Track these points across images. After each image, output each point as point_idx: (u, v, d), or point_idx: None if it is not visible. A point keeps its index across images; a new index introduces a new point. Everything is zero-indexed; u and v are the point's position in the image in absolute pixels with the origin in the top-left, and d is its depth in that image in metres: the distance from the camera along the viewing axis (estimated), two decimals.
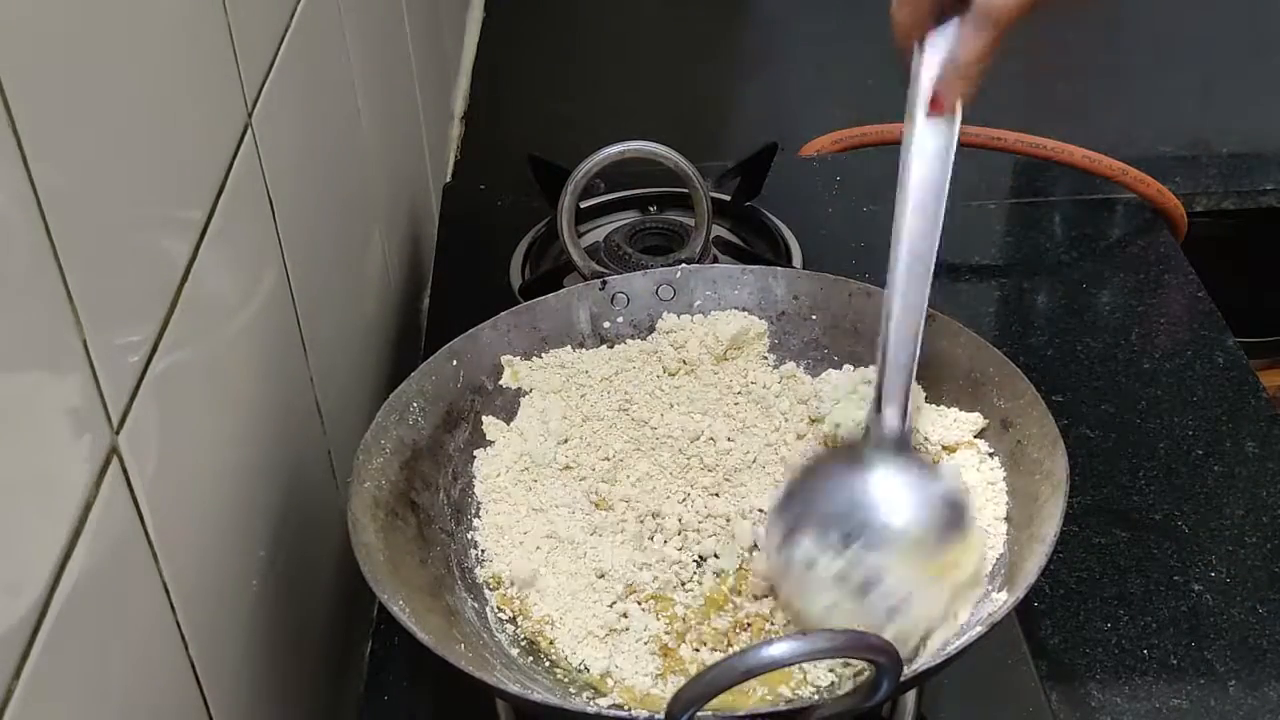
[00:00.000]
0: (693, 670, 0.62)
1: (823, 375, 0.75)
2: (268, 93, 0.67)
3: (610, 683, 0.62)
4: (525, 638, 0.64)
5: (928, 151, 0.61)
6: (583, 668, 0.62)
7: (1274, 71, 1.43)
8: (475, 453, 0.71)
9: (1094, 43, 1.39)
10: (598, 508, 0.69)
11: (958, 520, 0.62)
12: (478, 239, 1.05)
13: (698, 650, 0.63)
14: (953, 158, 0.61)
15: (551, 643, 0.64)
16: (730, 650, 0.63)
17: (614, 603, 0.65)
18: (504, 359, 0.74)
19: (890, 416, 0.64)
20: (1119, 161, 1.13)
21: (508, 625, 0.65)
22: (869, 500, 0.63)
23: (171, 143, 0.55)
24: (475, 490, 0.70)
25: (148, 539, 0.49)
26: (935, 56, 0.60)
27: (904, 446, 0.64)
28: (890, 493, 0.63)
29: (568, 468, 0.71)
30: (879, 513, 0.62)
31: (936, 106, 0.60)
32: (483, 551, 0.67)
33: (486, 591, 0.66)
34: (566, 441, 0.72)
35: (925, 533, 0.61)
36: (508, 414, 0.73)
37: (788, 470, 0.70)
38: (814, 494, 0.64)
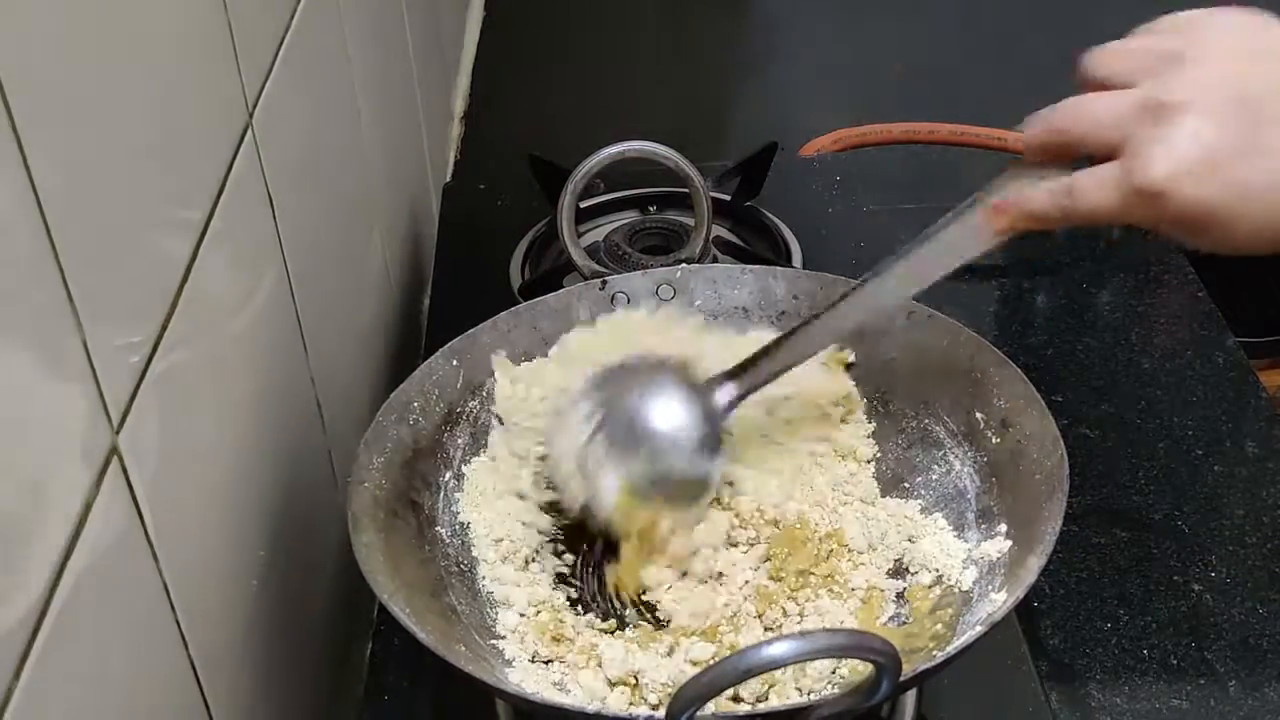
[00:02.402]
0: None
1: None
2: (268, 93, 0.67)
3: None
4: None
5: (966, 226, 0.62)
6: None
7: None
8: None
9: (1093, 41, 1.39)
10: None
11: (689, 494, 0.66)
12: (478, 239, 1.05)
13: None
14: (973, 255, 0.62)
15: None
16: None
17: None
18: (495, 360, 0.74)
19: (730, 389, 0.67)
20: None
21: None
22: (644, 419, 0.66)
23: (171, 143, 0.55)
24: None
25: (148, 539, 0.49)
26: (1028, 182, 0.60)
27: (713, 417, 0.66)
28: (662, 431, 0.66)
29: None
30: (640, 433, 0.66)
31: (997, 210, 0.60)
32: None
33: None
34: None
35: (651, 479, 0.65)
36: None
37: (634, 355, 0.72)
38: (622, 382, 0.68)
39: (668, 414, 0.66)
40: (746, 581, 0.66)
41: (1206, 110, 0.53)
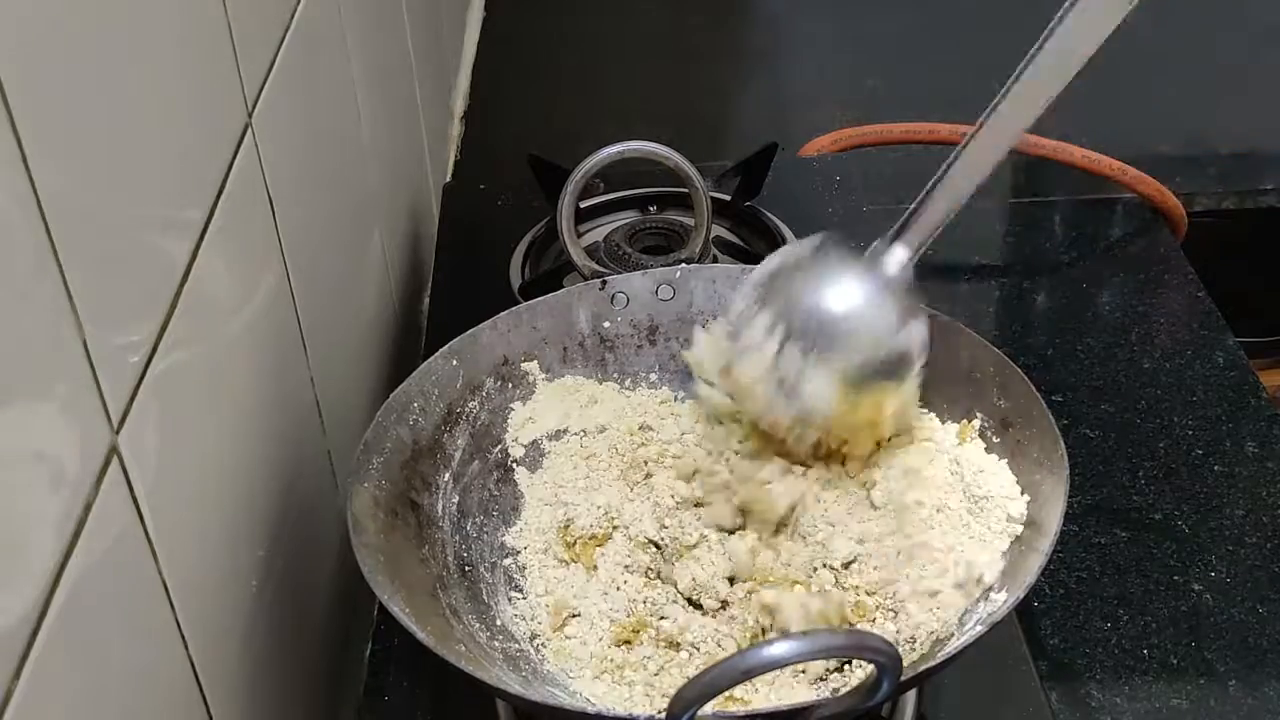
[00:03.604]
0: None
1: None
2: (268, 93, 0.67)
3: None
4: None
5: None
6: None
7: (1274, 71, 1.43)
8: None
9: None
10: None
11: (898, 369, 0.65)
12: (478, 239, 1.05)
13: None
14: (1110, 29, 0.58)
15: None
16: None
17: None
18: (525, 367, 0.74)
19: (900, 253, 0.66)
20: (1119, 161, 1.13)
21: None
22: (831, 314, 0.65)
23: (171, 143, 0.55)
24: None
25: (148, 539, 0.49)
26: None
27: (893, 286, 0.66)
28: (854, 318, 0.65)
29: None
30: (833, 328, 0.65)
31: None
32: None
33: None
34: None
35: (861, 367, 0.65)
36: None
37: (779, 253, 0.71)
38: (789, 284, 0.67)
39: (850, 299, 0.65)
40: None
41: None
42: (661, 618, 0.66)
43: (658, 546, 0.69)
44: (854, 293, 0.65)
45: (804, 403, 0.65)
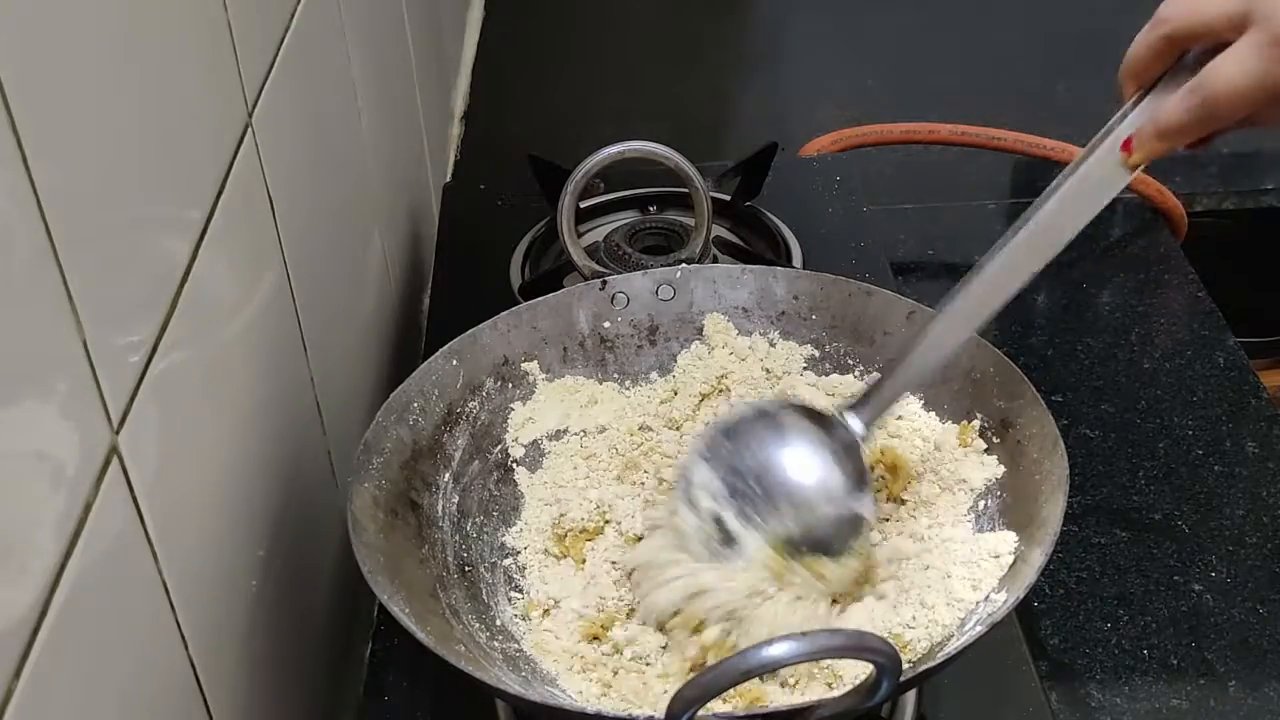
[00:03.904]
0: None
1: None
2: (268, 93, 0.67)
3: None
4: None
5: (1088, 180, 0.57)
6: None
7: None
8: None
9: (1094, 41, 1.39)
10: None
11: (842, 539, 0.61)
12: (478, 239, 1.05)
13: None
14: (1102, 206, 0.57)
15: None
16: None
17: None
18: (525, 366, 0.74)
19: (855, 423, 0.63)
20: None
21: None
22: (778, 478, 0.61)
23: (171, 143, 0.55)
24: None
25: (148, 539, 0.49)
26: (1147, 107, 0.56)
27: (851, 450, 0.62)
28: (800, 481, 0.61)
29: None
30: (777, 492, 0.61)
31: (1125, 149, 0.56)
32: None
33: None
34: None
35: (803, 535, 0.60)
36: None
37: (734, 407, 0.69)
38: (747, 440, 0.62)
39: (800, 460, 0.61)
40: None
41: None
42: (629, 615, 0.66)
43: None
44: (804, 452, 0.62)
45: (735, 562, 0.60)
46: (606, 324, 0.77)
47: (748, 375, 0.76)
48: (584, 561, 0.69)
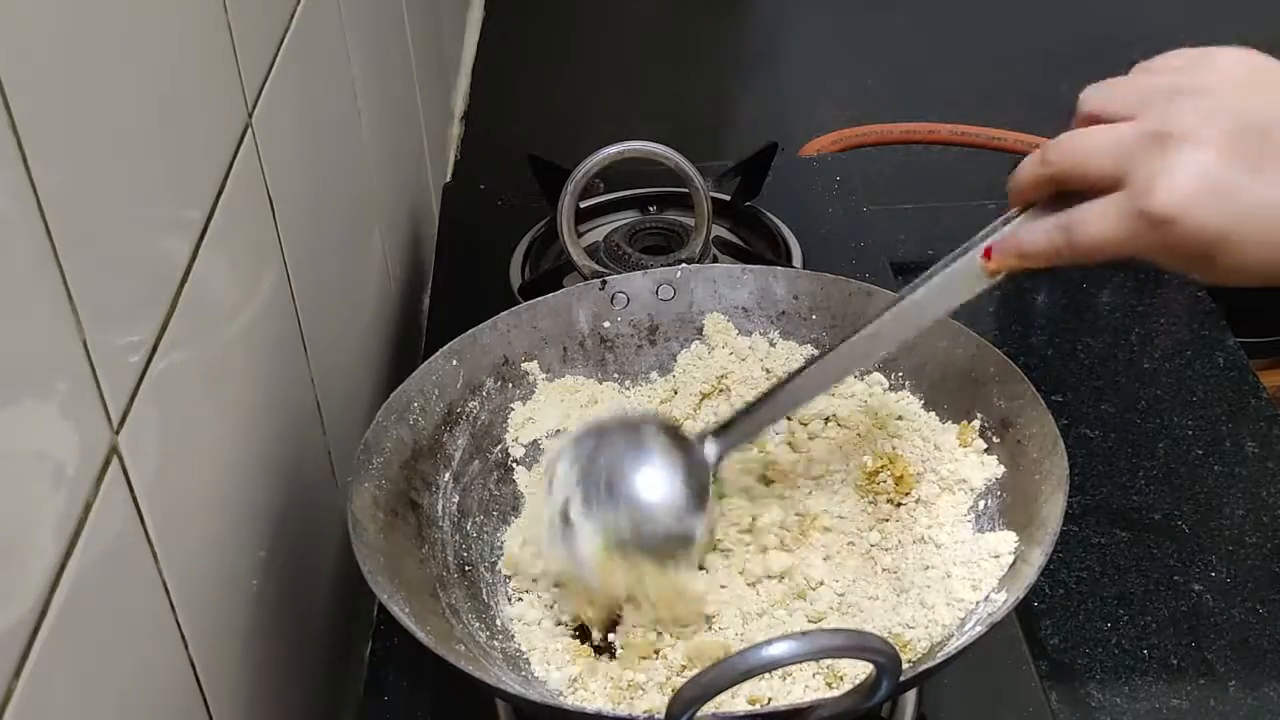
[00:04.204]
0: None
1: None
2: (268, 93, 0.67)
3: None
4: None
5: (953, 276, 0.60)
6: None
7: None
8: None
9: (1094, 41, 1.39)
10: None
11: (671, 550, 0.63)
12: (478, 239, 1.05)
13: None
14: (961, 300, 0.60)
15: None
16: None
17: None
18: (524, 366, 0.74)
19: (712, 447, 0.65)
20: None
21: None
22: (625, 477, 0.63)
23: (171, 143, 0.55)
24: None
25: (148, 539, 0.49)
26: (1018, 225, 0.58)
27: (699, 471, 0.64)
28: (642, 486, 0.63)
29: None
30: (618, 488, 0.63)
31: (986, 255, 0.59)
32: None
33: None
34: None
35: (630, 532, 0.62)
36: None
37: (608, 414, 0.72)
38: (608, 442, 0.65)
39: (648, 468, 0.64)
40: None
41: (1211, 138, 0.52)
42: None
43: None
44: (654, 464, 0.64)
45: (571, 549, 0.62)
46: (606, 324, 0.77)
47: (748, 375, 0.76)
48: None
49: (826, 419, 0.73)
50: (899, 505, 0.68)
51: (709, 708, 0.49)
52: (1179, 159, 0.52)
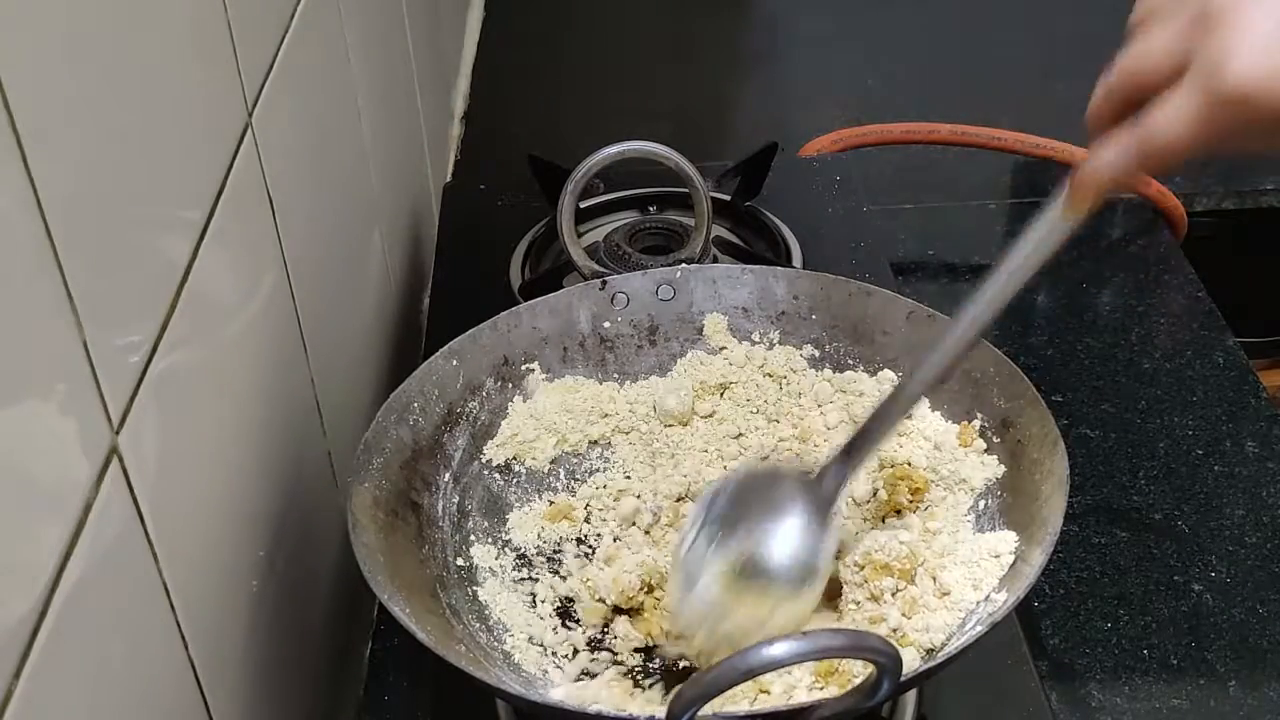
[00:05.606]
0: None
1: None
2: (268, 93, 0.67)
3: None
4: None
5: (1036, 229, 0.59)
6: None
7: None
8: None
9: (1094, 41, 1.39)
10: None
11: (793, 586, 0.62)
12: (478, 239, 1.05)
13: None
14: (1046, 259, 0.59)
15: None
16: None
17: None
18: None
19: (836, 474, 0.64)
20: None
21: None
22: (750, 520, 0.63)
23: (171, 143, 0.55)
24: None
25: (148, 539, 0.49)
26: (1095, 154, 0.56)
27: (822, 505, 0.63)
28: (769, 527, 0.63)
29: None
30: (745, 532, 0.63)
31: (1069, 192, 0.57)
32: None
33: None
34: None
35: (756, 561, 0.62)
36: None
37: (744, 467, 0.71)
38: (737, 490, 0.65)
39: (770, 502, 0.63)
40: None
41: (1260, 3, 0.50)
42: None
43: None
44: (776, 497, 0.63)
45: (692, 587, 0.62)
46: (606, 324, 0.77)
47: (748, 375, 0.76)
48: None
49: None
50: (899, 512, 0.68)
51: (710, 708, 0.49)
52: (1237, 33, 0.50)
